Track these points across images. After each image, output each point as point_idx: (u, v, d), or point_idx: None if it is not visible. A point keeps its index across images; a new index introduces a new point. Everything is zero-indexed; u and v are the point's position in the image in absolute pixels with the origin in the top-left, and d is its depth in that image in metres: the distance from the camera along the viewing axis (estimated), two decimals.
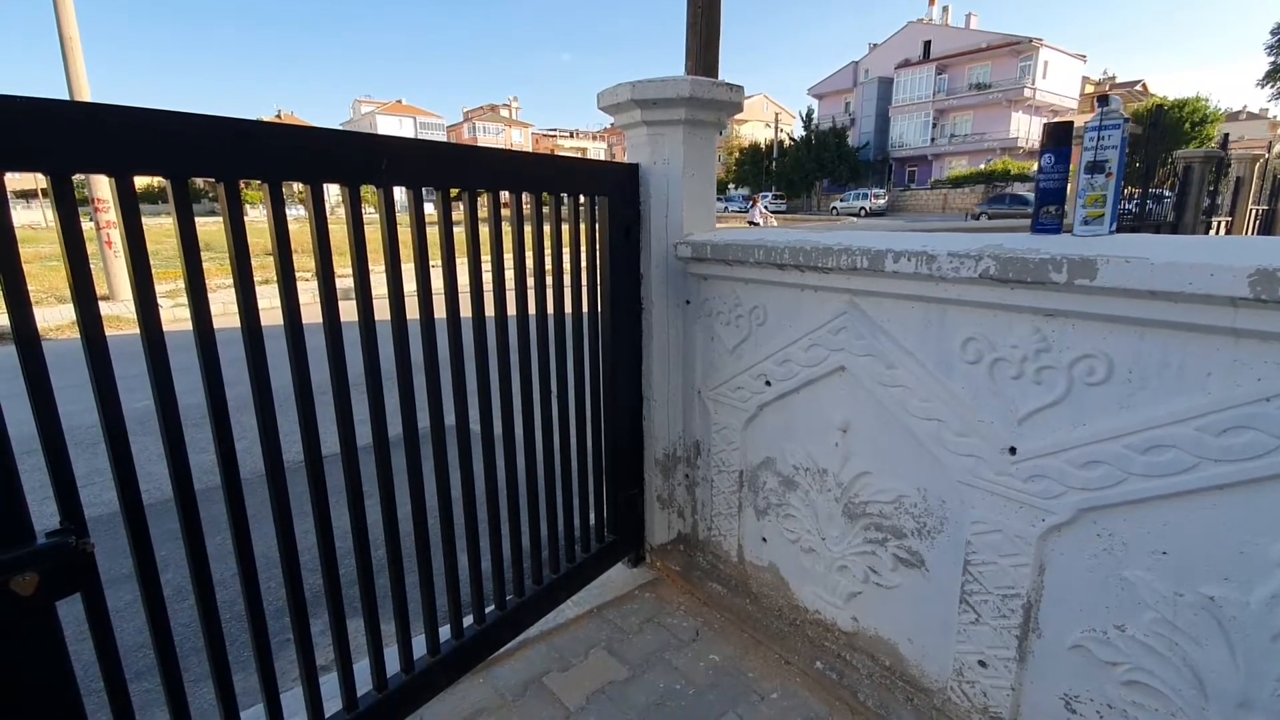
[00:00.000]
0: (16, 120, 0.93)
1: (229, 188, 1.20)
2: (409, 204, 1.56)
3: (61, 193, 1.02)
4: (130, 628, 2.58)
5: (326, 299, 1.40)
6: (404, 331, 1.59)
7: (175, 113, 1.10)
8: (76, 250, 1.03)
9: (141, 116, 1.07)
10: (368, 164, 1.41)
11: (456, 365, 1.75)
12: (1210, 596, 1.21)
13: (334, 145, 1.35)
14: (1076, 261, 1.20)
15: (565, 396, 2.08)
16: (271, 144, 1.25)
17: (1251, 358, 1.10)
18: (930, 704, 1.74)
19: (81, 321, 1.07)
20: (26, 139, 0.94)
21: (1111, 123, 1.21)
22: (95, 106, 1.01)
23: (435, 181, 1.59)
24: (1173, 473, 1.20)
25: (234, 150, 1.20)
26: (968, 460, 1.53)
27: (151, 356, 1.18)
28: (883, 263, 1.55)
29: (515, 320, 1.87)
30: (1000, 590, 1.52)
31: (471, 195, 1.68)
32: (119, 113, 1.03)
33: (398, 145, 1.46)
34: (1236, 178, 10.63)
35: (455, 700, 1.89)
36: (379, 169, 1.41)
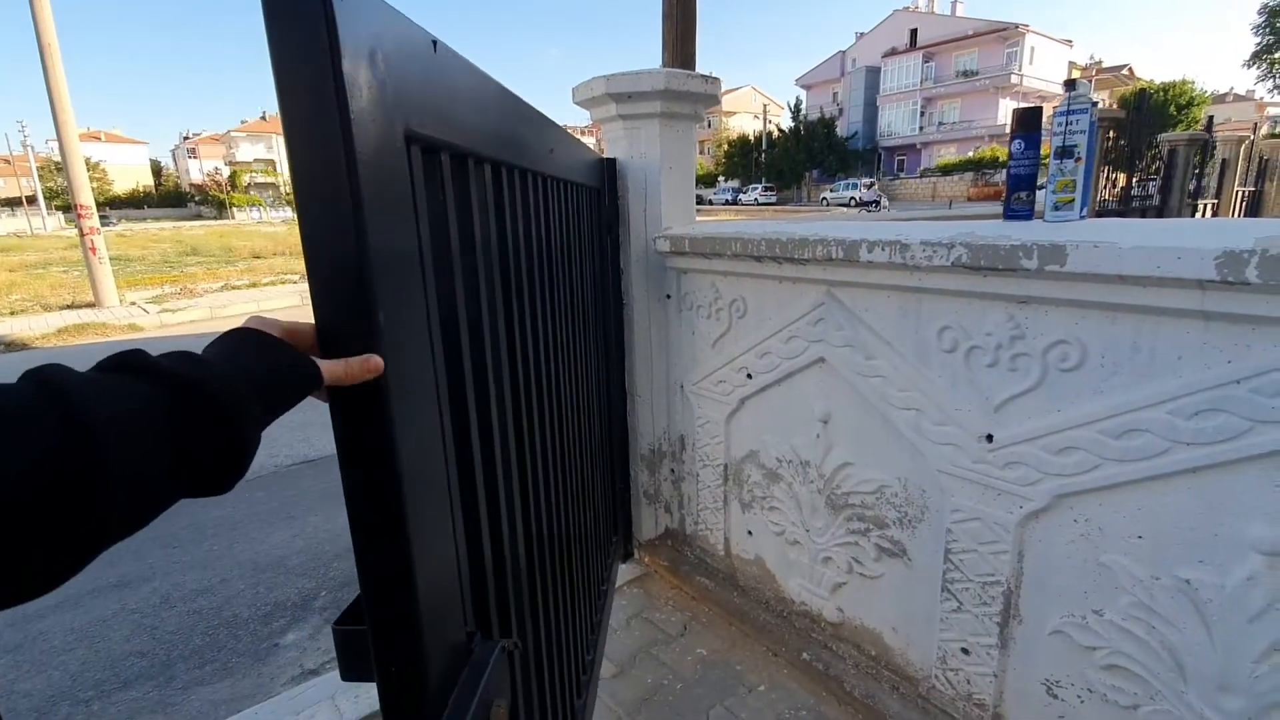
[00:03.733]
0: None
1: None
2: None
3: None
4: (118, 635, 2.57)
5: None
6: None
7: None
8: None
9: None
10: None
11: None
12: (1186, 580, 1.21)
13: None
14: (1046, 248, 1.20)
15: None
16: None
17: (1221, 340, 1.10)
18: (916, 692, 1.74)
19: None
20: None
21: (1079, 107, 1.21)
22: None
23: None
24: (1146, 457, 1.20)
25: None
26: (946, 449, 1.53)
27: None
28: (858, 253, 1.54)
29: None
30: (981, 578, 1.52)
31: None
32: None
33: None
34: (1222, 160, 10.68)
35: None
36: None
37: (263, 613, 2.70)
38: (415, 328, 0.62)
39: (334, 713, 1.84)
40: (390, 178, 0.56)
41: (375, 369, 0.53)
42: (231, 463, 0.44)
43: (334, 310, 0.53)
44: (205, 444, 0.42)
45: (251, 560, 3.11)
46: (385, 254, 0.54)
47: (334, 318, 0.53)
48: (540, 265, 1.21)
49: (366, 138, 0.51)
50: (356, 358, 0.53)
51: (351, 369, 0.52)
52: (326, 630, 2.59)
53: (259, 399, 0.46)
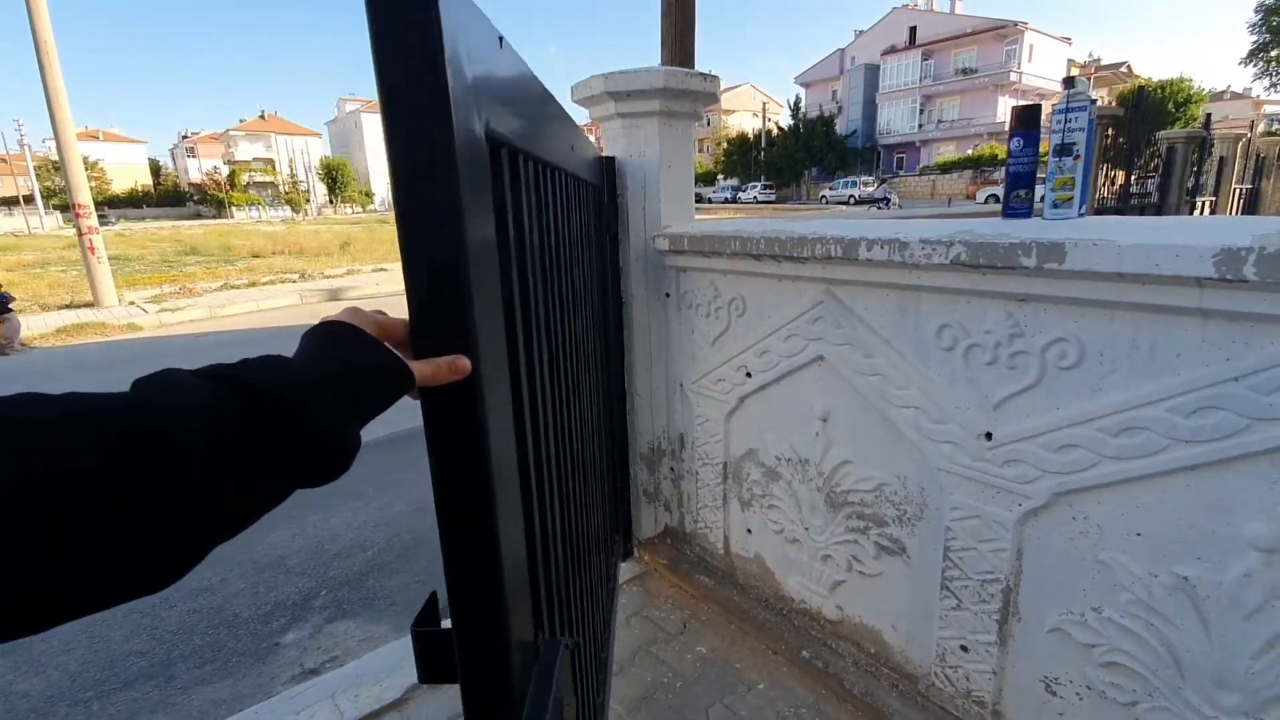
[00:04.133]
0: None
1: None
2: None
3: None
4: (118, 635, 2.57)
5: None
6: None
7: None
8: None
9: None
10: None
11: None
12: (1184, 577, 1.21)
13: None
14: (1045, 245, 1.20)
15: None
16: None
17: (1219, 338, 1.10)
18: (915, 689, 1.75)
19: None
20: None
21: (1078, 105, 1.21)
22: None
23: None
24: (1145, 455, 1.20)
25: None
26: (945, 447, 1.53)
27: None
28: (856, 251, 1.55)
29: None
30: (980, 575, 1.53)
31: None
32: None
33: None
34: (1220, 157, 10.68)
35: (444, 699, 1.89)
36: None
37: (263, 612, 2.71)
38: (496, 328, 0.62)
39: (334, 712, 1.84)
40: (478, 176, 0.56)
41: (463, 370, 0.53)
42: (320, 462, 0.45)
43: (430, 310, 0.53)
44: (281, 446, 0.43)
45: (251, 559, 3.11)
46: (477, 253, 0.54)
47: (430, 318, 0.53)
48: (559, 264, 1.21)
49: (462, 135, 0.51)
50: (445, 359, 0.52)
51: (440, 371, 0.52)
52: (327, 629, 2.59)
53: (342, 401, 0.47)
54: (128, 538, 0.35)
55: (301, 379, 0.45)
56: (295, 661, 2.41)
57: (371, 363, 0.50)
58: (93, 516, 0.34)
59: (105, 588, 0.35)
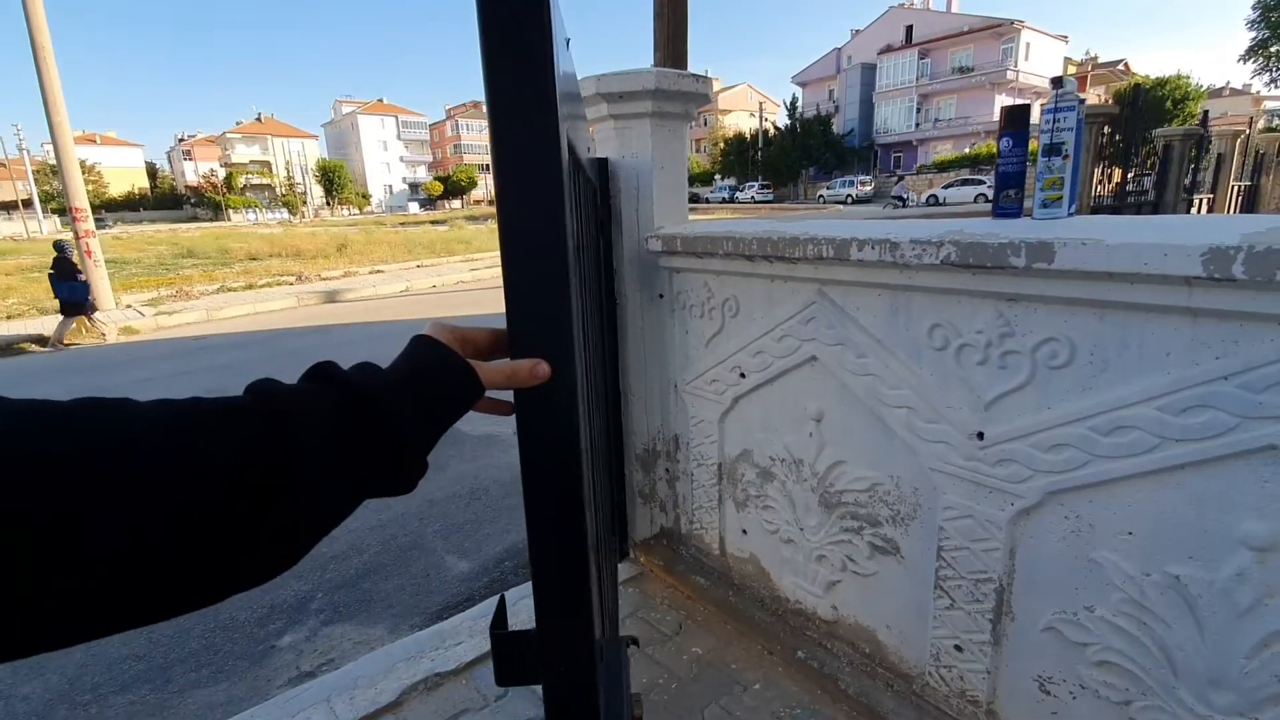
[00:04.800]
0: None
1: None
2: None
3: None
4: (115, 639, 2.57)
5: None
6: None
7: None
8: None
9: None
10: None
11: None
12: (1176, 575, 1.21)
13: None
14: (1034, 245, 1.20)
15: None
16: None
17: (1209, 336, 1.10)
18: (909, 689, 1.75)
19: None
20: None
21: (1066, 104, 1.21)
22: None
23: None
24: (1136, 453, 1.20)
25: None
26: (938, 446, 1.53)
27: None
28: (848, 251, 1.54)
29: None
30: (973, 575, 1.53)
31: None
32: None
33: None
34: (1218, 154, 10.68)
35: (438, 701, 1.89)
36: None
37: (259, 615, 2.70)
38: (574, 333, 0.63)
39: (329, 715, 1.84)
40: (566, 179, 0.57)
41: (543, 375, 0.52)
42: (398, 467, 0.47)
43: (529, 316, 0.53)
44: (374, 449, 0.46)
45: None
46: (570, 260, 0.55)
47: (528, 324, 0.53)
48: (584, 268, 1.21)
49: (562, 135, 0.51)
50: (524, 363, 0.52)
51: (519, 375, 0.52)
52: (323, 632, 2.59)
53: (422, 406, 0.49)
54: (262, 536, 0.38)
55: (386, 383, 0.48)
56: (291, 664, 2.41)
57: (438, 369, 0.52)
58: (239, 517, 0.37)
59: (233, 582, 0.38)
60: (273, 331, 8.94)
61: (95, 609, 0.33)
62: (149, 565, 0.34)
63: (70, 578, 0.31)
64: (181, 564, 0.35)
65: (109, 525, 0.32)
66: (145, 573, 0.34)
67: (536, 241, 0.51)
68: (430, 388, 0.50)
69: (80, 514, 0.31)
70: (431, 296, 11.73)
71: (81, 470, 0.32)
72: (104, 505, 0.32)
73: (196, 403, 0.39)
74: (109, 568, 0.32)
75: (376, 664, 2.04)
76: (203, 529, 0.35)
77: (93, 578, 0.32)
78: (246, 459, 0.38)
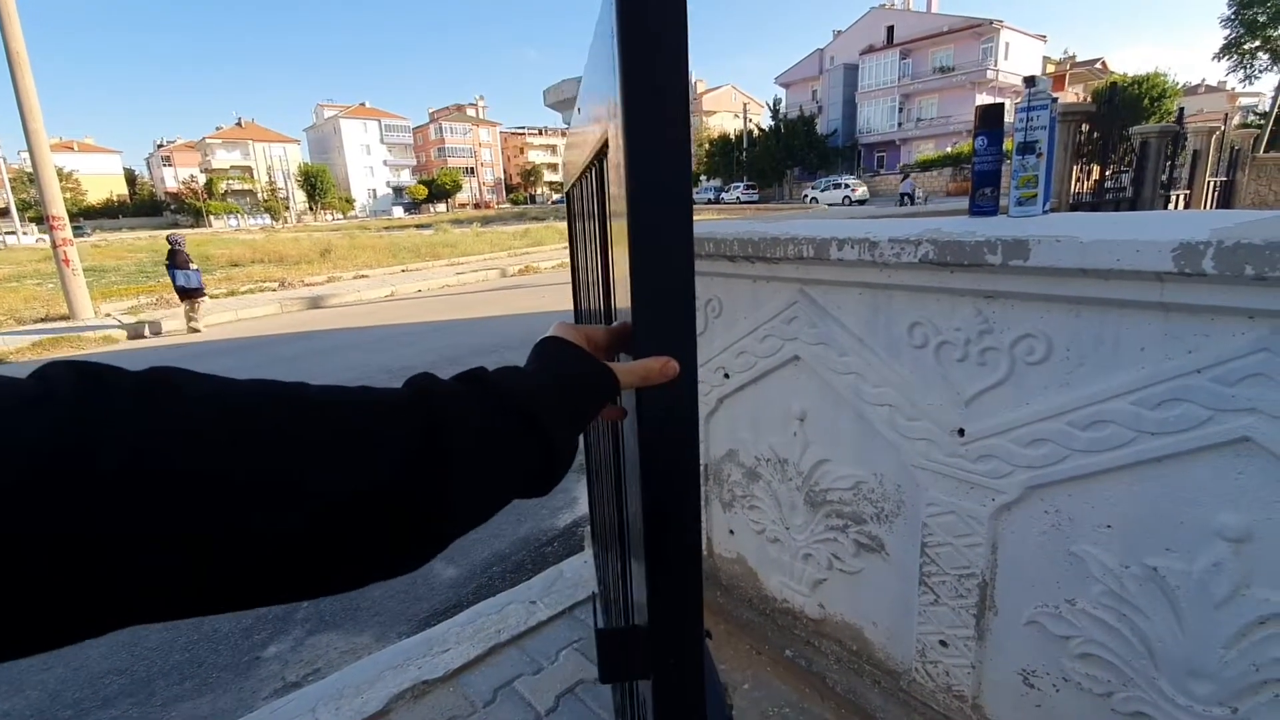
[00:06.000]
0: None
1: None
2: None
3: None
4: (96, 653, 2.53)
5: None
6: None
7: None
8: None
9: None
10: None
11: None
12: (1154, 567, 1.22)
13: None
14: (1010, 243, 1.21)
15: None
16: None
17: (1182, 330, 1.11)
18: (896, 686, 1.75)
19: None
20: None
21: (1039, 103, 1.22)
22: None
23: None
24: (1112, 447, 1.22)
25: None
26: (920, 443, 1.54)
27: None
28: (828, 251, 1.55)
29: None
30: (956, 570, 1.54)
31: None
32: None
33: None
34: (1193, 151, 10.83)
35: (425, 709, 1.88)
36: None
37: (244, 625, 2.68)
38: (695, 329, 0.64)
39: None
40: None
41: (672, 373, 0.52)
42: (545, 468, 0.48)
43: (657, 314, 0.53)
44: (526, 455, 0.46)
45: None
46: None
47: (656, 321, 0.53)
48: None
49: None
50: (655, 361, 0.52)
51: (651, 373, 0.52)
52: (309, 642, 2.57)
53: (567, 409, 0.49)
54: (403, 528, 0.39)
55: (532, 383, 0.48)
56: (277, 675, 2.39)
57: (580, 371, 0.52)
58: (384, 510, 0.37)
59: (374, 572, 0.39)
60: (255, 338, 8.86)
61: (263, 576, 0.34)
62: (310, 544, 0.35)
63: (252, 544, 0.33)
64: (336, 548, 0.36)
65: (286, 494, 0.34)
66: (302, 553, 0.35)
67: (665, 239, 0.51)
68: (574, 391, 0.51)
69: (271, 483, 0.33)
70: (417, 301, 11.67)
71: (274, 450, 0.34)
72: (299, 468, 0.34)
73: (368, 392, 0.41)
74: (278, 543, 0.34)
75: (363, 672, 2.02)
76: (356, 513, 0.36)
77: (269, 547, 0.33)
78: (410, 460, 0.39)
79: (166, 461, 0.30)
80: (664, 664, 0.60)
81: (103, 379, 0.32)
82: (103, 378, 0.32)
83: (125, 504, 0.29)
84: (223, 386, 0.35)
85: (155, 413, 0.31)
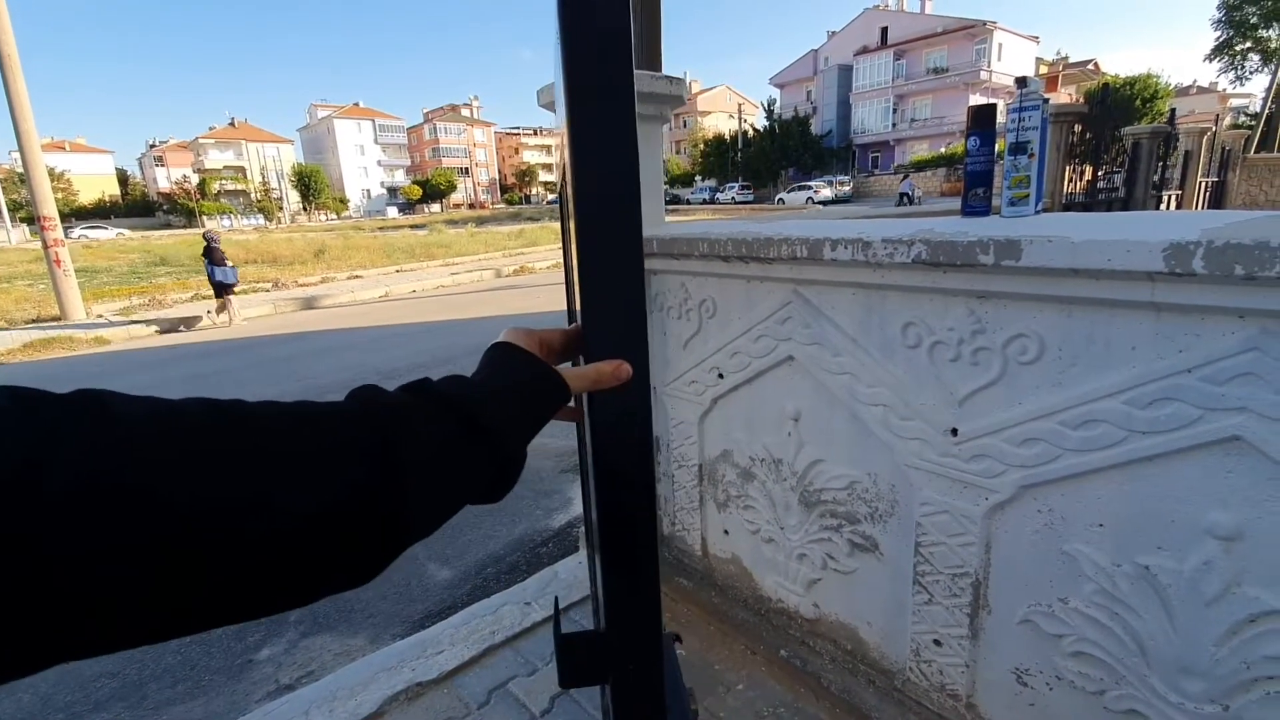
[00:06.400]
0: None
1: None
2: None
3: None
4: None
5: None
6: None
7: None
8: None
9: None
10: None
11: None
12: (1146, 566, 1.23)
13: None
14: (1002, 243, 1.22)
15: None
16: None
17: (1173, 330, 1.12)
18: (891, 685, 1.76)
19: None
20: None
21: (1031, 104, 1.23)
22: None
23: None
24: (1104, 447, 1.22)
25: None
26: (914, 443, 1.54)
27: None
28: (821, 251, 1.56)
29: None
30: (950, 569, 1.54)
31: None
32: None
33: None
34: (1185, 152, 10.90)
35: (419, 711, 1.87)
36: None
37: (236, 628, 2.66)
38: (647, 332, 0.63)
39: None
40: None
41: (625, 376, 0.52)
42: (497, 475, 0.48)
43: (608, 317, 0.52)
44: (478, 464, 0.46)
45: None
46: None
47: (607, 325, 0.52)
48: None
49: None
50: (607, 365, 0.51)
51: (603, 377, 0.52)
52: (302, 644, 2.56)
53: (514, 415, 0.49)
54: (360, 543, 0.39)
55: (480, 392, 0.48)
56: (270, 678, 2.38)
57: (527, 378, 0.52)
58: (343, 527, 0.37)
59: (325, 585, 0.38)
60: (249, 339, 8.82)
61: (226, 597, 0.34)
62: (265, 562, 0.34)
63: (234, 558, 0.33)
64: (291, 566, 0.36)
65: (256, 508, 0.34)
66: (256, 571, 0.34)
67: (613, 240, 0.50)
68: (525, 398, 0.50)
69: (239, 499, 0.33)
70: (412, 301, 11.65)
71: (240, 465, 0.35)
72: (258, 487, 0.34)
73: (311, 406, 0.40)
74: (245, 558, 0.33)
75: (357, 674, 2.01)
76: (315, 532, 0.36)
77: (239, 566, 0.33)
78: (364, 474, 0.38)
79: (115, 479, 0.30)
80: (621, 668, 0.60)
81: (38, 400, 0.31)
82: (37, 399, 0.31)
83: (75, 523, 0.28)
84: (158, 406, 0.35)
85: (98, 432, 0.31)
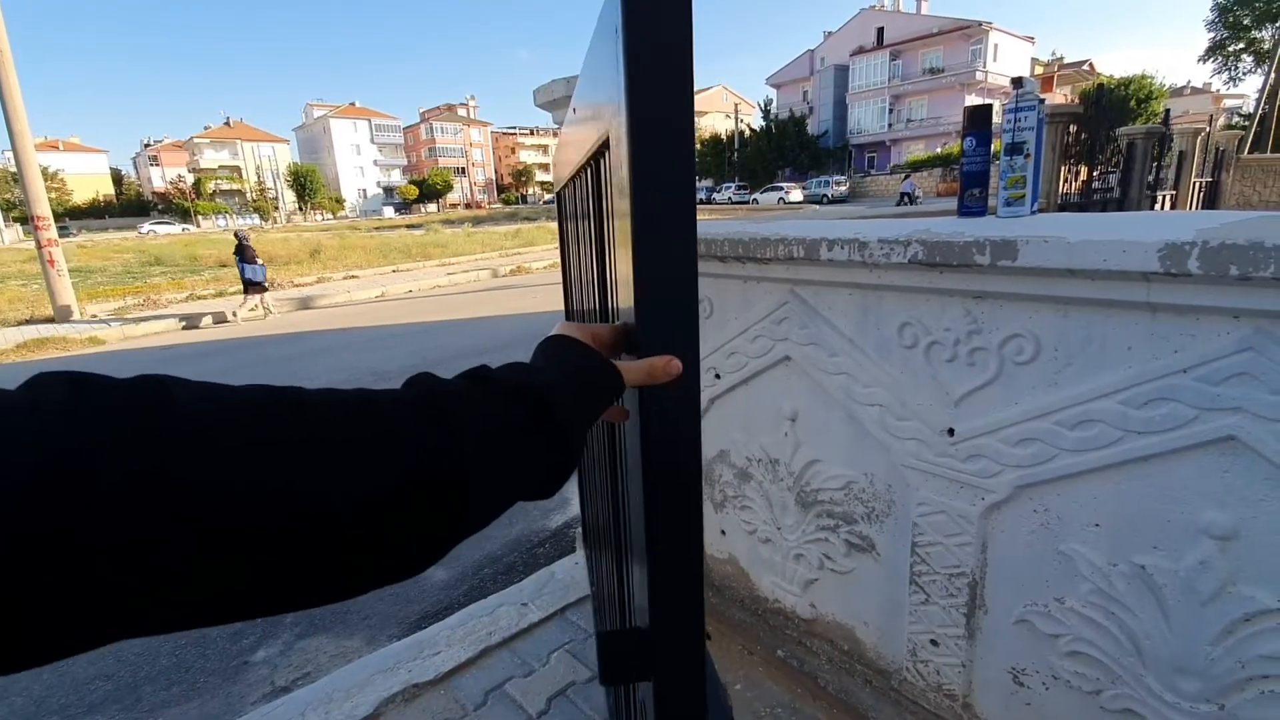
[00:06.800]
0: None
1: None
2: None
3: None
4: (82, 659, 2.50)
5: None
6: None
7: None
8: None
9: None
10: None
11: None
12: (1142, 566, 1.23)
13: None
14: (998, 243, 1.22)
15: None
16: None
17: (1168, 330, 1.12)
18: (888, 685, 1.76)
19: None
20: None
21: (1027, 104, 1.23)
22: None
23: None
24: (1100, 447, 1.22)
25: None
26: (910, 443, 1.55)
27: None
28: (818, 251, 1.56)
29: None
30: (947, 570, 1.54)
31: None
32: None
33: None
34: (1179, 152, 10.93)
35: (415, 712, 1.87)
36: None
37: (232, 629, 2.65)
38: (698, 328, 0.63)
39: None
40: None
41: (675, 371, 0.52)
42: (560, 463, 0.47)
43: (661, 312, 0.52)
44: (538, 446, 0.45)
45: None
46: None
47: (660, 320, 0.52)
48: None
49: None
50: (659, 360, 0.51)
51: (655, 371, 0.51)
52: (298, 646, 2.55)
53: (578, 404, 0.49)
54: (418, 532, 0.38)
55: (544, 380, 0.48)
56: (266, 679, 2.37)
57: (588, 366, 0.52)
58: (402, 517, 0.37)
59: (382, 575, 0.38)
60: (244, 339, 8.80)
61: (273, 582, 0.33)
62: (317, 553, 0.34)
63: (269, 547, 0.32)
64: (348, 557, 0.35)
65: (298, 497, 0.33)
66: (308, 562, 0.34)
67: (669, 236, 0.51)
68: (585, 389, 0.50)
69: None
70: (408, 301, 11.62)
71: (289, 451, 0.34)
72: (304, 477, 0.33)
73: (370, 394, 0.40)
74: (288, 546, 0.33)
75: (353, 676, 2.01)
76: (375, 521, 0.36)
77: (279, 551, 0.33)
78: (426, 462, 0.38)
79: (169, 467, 0.29)
80: (666, 666, 0.61)
81: (96, 386, 0.31)
82: (95, 385, 0.31)
83: (129, 511, 0.28)
84: (219, 393, 0.34)
85: (155, 418, 0.30)
